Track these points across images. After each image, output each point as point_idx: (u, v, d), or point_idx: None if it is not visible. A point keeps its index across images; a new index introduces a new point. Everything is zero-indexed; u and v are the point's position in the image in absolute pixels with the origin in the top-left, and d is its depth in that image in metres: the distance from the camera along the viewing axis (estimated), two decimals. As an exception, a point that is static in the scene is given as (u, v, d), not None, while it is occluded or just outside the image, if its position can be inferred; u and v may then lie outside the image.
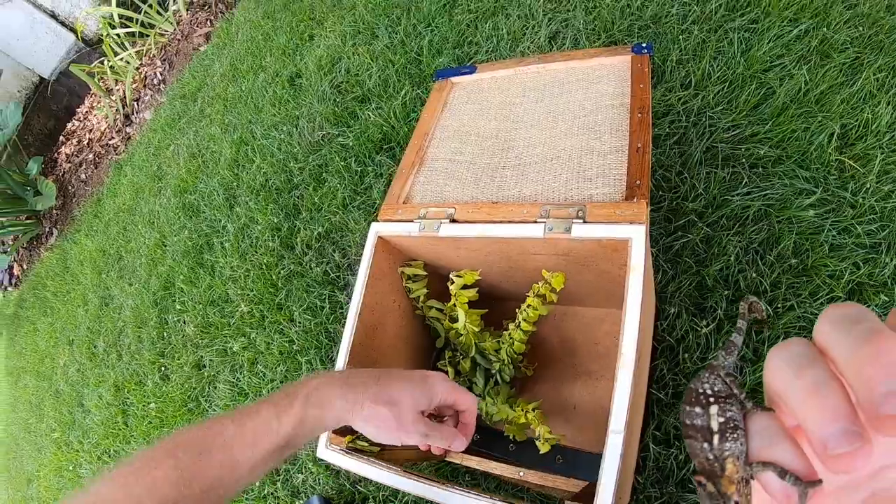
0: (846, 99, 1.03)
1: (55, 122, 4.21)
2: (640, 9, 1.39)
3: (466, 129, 0.95)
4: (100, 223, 2.90)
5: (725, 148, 1.06)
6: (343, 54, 1.98)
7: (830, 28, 1.14)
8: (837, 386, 0.20)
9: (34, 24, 3.85)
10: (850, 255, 0.88)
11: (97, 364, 2.31)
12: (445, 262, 0.87)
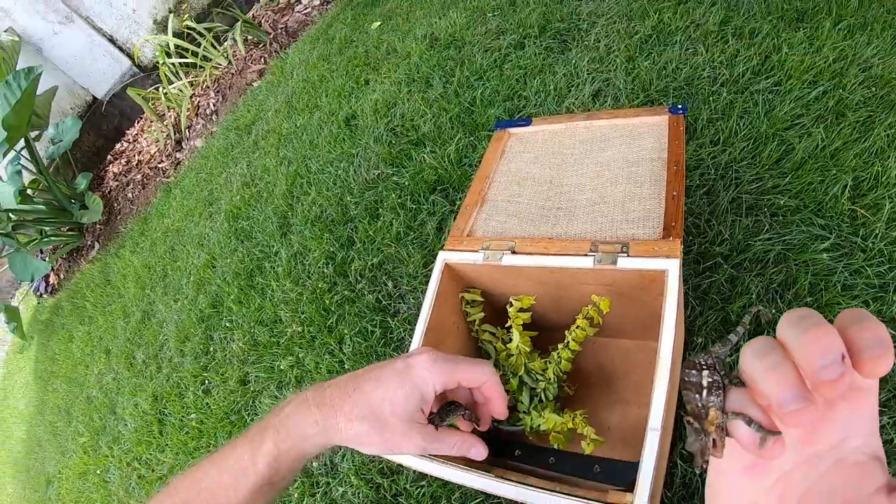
0: (859, 154, 1.21)
1: (104, 140, 4.52)
2: (674, 71, 1.60)
3: (523, 174, 1.13)
4: (146, 241, 3.11)
5: (749, 198, 1.24)
6: (398, 100, 2.20)
7: (846, 89, 1.33)
8: (790, 365, 0.27)
9: (93, 46, 4.19)
10: (861, 294, 1.02)
11: (135, 374, 2.47)
12: (502, 289, 1.04)
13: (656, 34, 1.75)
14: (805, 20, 1.57)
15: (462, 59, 2.17)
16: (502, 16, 2.28)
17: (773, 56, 1.50)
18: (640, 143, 1.01)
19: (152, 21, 4.19)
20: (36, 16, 4.00)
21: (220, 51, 3.80)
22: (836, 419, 0.30)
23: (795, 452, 0.30)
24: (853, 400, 0.29)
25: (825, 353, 0.26)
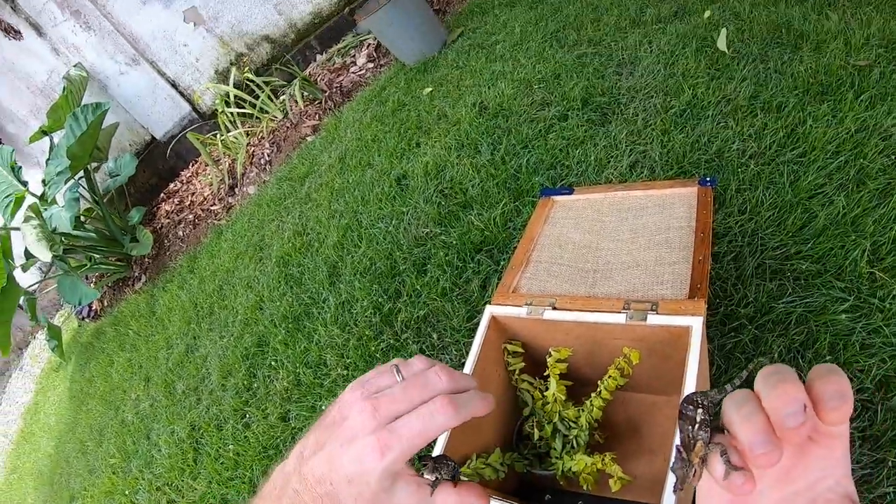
0: (878, 219, 1.34)
1: (158, 179, 4.88)
2: (706, 144, 1.78)
3: (564, 238, 1.31)
4: (194, 278, 3.35)
5: (774, 264, 1.38)
6: (448, 163, 2.43)
7: (867, 158, 1.48)
8: (761, 415, 0.32)
9: (155, 89, 4.61)
10: (879, 352, 1.13)
11: (174, 403, 2.65)
12: (541, 342, 1.20)
13: (690, 108, 1.96)
14: (829, 93, 1.74)
15: (509, 128, 2.40)
16: (547, 88, 2.51)
17: (798, 128, 1.67)
18: (672, 212, 1.19)
19: (214, 70, 4.59)
20: (105, 55, 4.44)
21: (277, 104, 4.14)
22: (810, 461, 0.34)
23: (775, 490, 0.35)
24: (826, 444, 0.34)
25: (789, 405, 0.31)
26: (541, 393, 1.19)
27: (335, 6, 4.48)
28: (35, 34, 4.37)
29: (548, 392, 1.14)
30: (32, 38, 4.39)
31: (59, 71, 4.56)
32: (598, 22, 2.75)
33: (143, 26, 4.38)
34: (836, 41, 1.87)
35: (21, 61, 4.59)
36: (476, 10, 3.68)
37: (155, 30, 4.40)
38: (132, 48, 4.40)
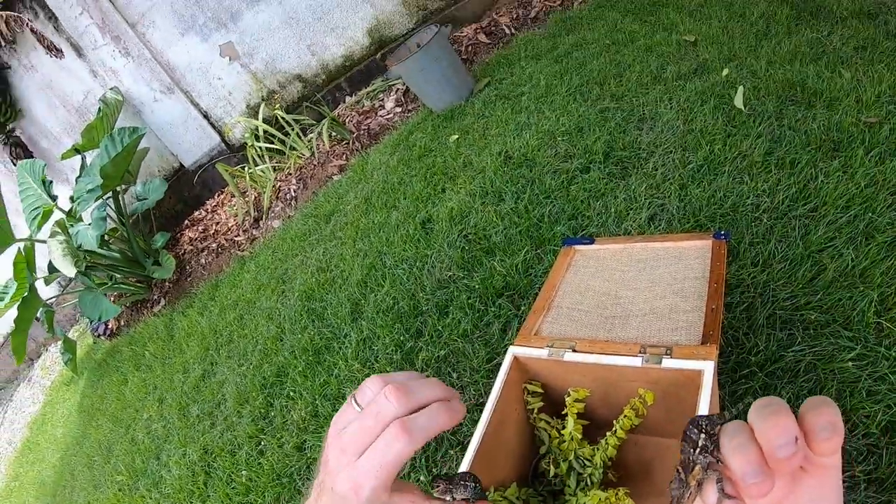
0: (885, 271, 1.43)
1: (183, 206, 5.07)
2: (722, 199, 1.88)
3: (585, 286, 1.40)
4: (215, 305, 3.47)
5: (784, 314, 1.46)
6: (472, 210, 2.55)
7: (876, 212, 1.57)
8: (754, 446, 0.33)
9: (188, 119, 4.83)
10: (885, 398, 1.20)
11: (187, 426, 2.73)
12: (560, 383, 1.28)
13: (707, 164, 2.07)
14: (840, 149, 1.85)
15: (533, 178, 2.52)
16: (570, 141, 2.64)
17: (810, 184, 1.77)
18: (687, 263, 1.29)
19: (245, 105, 4.81)
20: (141, 81, 4.69)
21: (305, 142, 4.32)
22: (803, 491, 0.36)
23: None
24: (818, 475, 0.35)
25: (780, 435, 0.32)
26: (557, 432, 1.27)
27: (366, 50, 4.70)
28: (75, 55, 4.64)
29: (565, 430, 1.22)
30: (72, 59, 4.65)
31: (95, 92, 4.81)
32: (621, 77, 2.90)
33: (180, 57, 4.63)
34: (848, 98, 2.00)
35: (60, 80, 4.85)
36: (503, 62, 3.86)
37: (191, 61, 4.65)
38: (168, 77, 4.64)
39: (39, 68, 4.82)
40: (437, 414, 0.46)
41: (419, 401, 0.47)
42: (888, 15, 2.40)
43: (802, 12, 2.68)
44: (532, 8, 4.31)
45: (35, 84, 4.93)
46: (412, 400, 0.47)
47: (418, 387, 0.48)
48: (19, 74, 4.91)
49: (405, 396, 0.47)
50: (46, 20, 4.51)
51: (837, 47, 2.32)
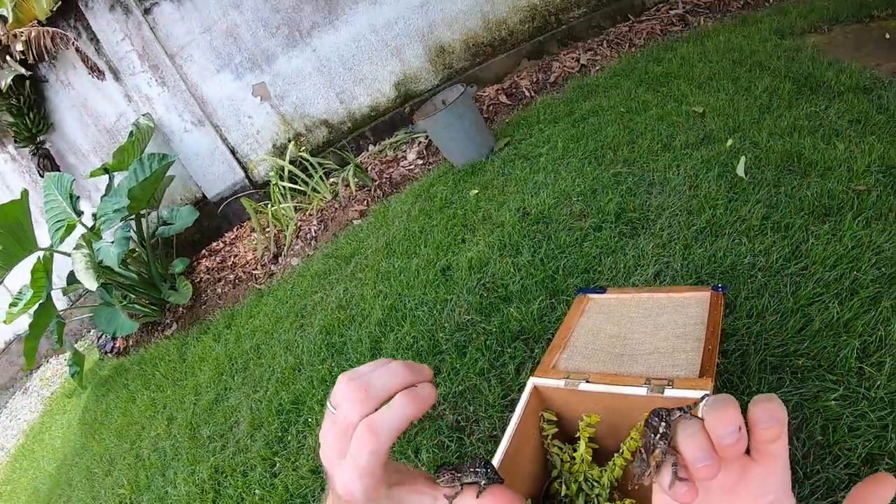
0: (867, 323, 1.62)
1: (201, 236, 5.30)
2: (722, 258, 2.10)
3: (597, 329, 1.60)
4: (231, 334, 3.64)
5: (774, 360, 1.65)
6: (491, 260, 2.76)
7: (861, 270, 1.78)
8: (703, 435, 0.39)
9: (214, 152, 5.11)
10: (864, 433, 1.37)
11: (197, 446, 2.86)
12: (573, 411, 1.46)
13: (709, 227, 2.30)
14: (831, 214, 2.08)
15: (549, 234, 2.74)
16: (585, 201, 2.86)
17: (802, 246, 2.00)
18: (688, 311, 1.49)
19: (272, 144, 5.11)
20: (173, 111, 4.99)
21: (328, 185, 4.57)
22: (752, 479, 0.40)
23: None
24: (765, 464, 0.39)
25: (726, 425, 0.37)
26: (569, 456, 1.43)
27: (391, 102, 5.02)
28: (112, 78, 4.95)
29: (576, 453, 1.39)
30: (109, 82, 4.96)
31: (127, 116, 5.10)
32: (634, 144, 3.16)
33: (213, 92, 4.94)
34: (840, 168, 2.26)
35: (94, 100, 5.14)
36: (522, 123, 4.14)
37: (223, 97, 4.96)
38: (200, 110, 4.95)
39: (76, 86, 5.11)
40: (403, 406, 0.46)
41: (380, 396, 0.46)
42: (881, 90, 2.70)
43: (803, 87, 2.98)
44: (552, 73, 4.63)
45: (69, 101, 5.22)
46: (372, 396, 0.46)
47: (379, 379, 0.47)
48: (55, 89, 5.19)
49: (364, 394, 0.46)
50: (88, 41, 4.82)
51: (833, 120, 2.60)
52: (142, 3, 4.66)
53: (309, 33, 4.74)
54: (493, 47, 4.94)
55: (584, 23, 4.89)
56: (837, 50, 3.36)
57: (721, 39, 3.99)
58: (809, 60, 3.24)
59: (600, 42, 4.72)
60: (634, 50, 4.50)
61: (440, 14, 4.78)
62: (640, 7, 4.89)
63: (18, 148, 5.39)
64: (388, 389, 0.46)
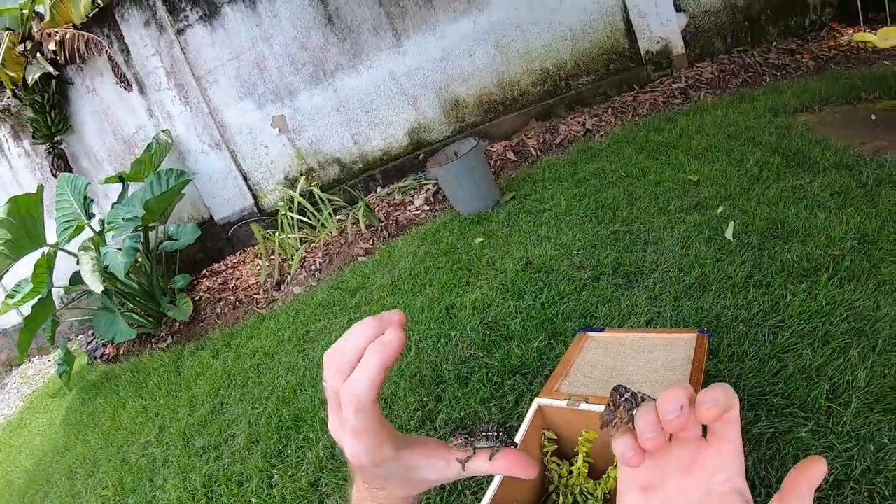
0: (836, 368, 1.84)
1: (204, 256, 5.51)
2: (708, 310, 2.33)
3: (595, 361, 1.80)
4: (230, 352, 3.79)
5: (752, 399, 1.85)
6: (494, 303, 2.96)
7: (833, 324, 2.01)
8: (653, 412, 0.43)
9: (227, 176, 5.35)
10: (832, 463, 1.56)
11: (190, 455, 2.95)
12: (572, 430, 1.64)
13: (698, 283, 2.53)
14: (809, 275, 2.33)
15: (549, 282, 2.95)
16: (584, 255, 3.09)
17: (781, 301, 2.23)
18: (676, 349, 1.71)
19: (284, 176, 5.36)
20: (192, 131, 5.25)
21: (335, 221, 4.78)
22: (706, 459, 0.45)
23: (679, 481, 0.46)
24: (717, 445, 0.45)
25: (670, 404, 0.42)
26: (566, 471, 1.60)
27: (404, 149, 5.32)
28: (138, 91, 5.22)
29: (574, 466, 1.56)
30: (134, 94, 5.24)
31: (146, 129, 5.36)
32: (632, 206, 3.42)
33: (234, 118, 5.23)
34: (819, 235, 2.53)
35: (116, 109, 5.40)
36: (527, 180, 4.42)
37: (243, 124, 5.25)
38: (218, 133, 5.22)
39: (100, 93, 5.36)
40: (370, 359, 0.47)
41: (353, 359, 0.49)
42: (863, 166, 3.00)
43: (791, 162, 3.28)
44: (558, 135, 4.95)
45: (92, 106, 5.46)
46: (346, 362, 0.49)
47: (348, 343, 0.49)
48: (79, 93, 5.44)
49: (339, 362, 0.49)
50: (119, 52, 5.11)
51: (816, 193, 2.88)
52: (176, 23, 4.98)
53: (332, 74, 5.06)
54: (504, 105, 5.29)
55: (592, 90, 5.26)
56: (826, 128, 3.68)
57: (719, 114, 4.32)
58: (799, 137, 3.56)
59: (605, 109, 5.07)
60: (637, 119, 4.83)
61: (458, 69, 5.13)
62: (646, 79, 5.28)
63: (35, 144, 5.59)
64: (358, 349, 0.49)
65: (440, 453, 0.56)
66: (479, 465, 0.55)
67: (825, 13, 5.49)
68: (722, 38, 5.35)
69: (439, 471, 0.55)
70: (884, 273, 2.20)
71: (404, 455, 0.54)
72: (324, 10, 4.94)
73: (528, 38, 5.10)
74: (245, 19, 4.97)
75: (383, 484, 0.56)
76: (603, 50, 5.18)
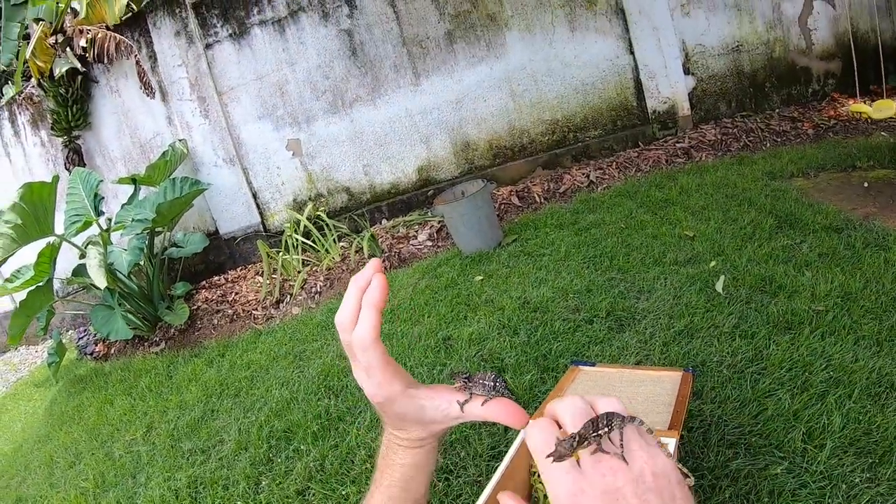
0: (812, 413, 1.96)
1: (205, 267, 5.63)
2: (694, 355, 2.46)
3: (585, 392, 1.94)
4: (224, 362, 3.90)
5: (732, 438, 1.97)
6: (489, 337, 3.10)
7: (812, 373, 2.15)
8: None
9: (237, 192, 5.50)
10: (805, 499, 1.67)
11: (176, 456, 3.01)
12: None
13: (687, 330, 2.67)
14: (792, 328, 2.47)
15: (545, 321, 3.08)
16: (580, 298, 3.23)
17: (764, 350, 2.37)
18: (663, 385, 1.86)
19: (293, 198, 5.52)
20: (209, 144, 5.42)
21: (339, 248, 4.93)
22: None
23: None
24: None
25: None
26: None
27: (412, 184, 5.52)
28: (160, 98, 5.41)
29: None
30: (156, 101, 5.43)
31: (163, 136, 5.52)
32: (629, 256, 3.59)
33: (250, 136, 5.43)
34: (805, 291, 2.69)
35: (137, 113, 5.58)
36: (530, 225, 4.60)
37: (258, 143, 5.44)
38: (234, 149, 5.41)
39: (123, 95, 5.55)
40: (365, 310, 0.60)
41: (352, 313, 0.60)
42: (851, 230, 3.19)
43: (783, 223, 3.47)
44: (562, 184, 5.15)
45: (113, 106, 5.64)
46: (348, 318, 0.60)
47: (345, 304, 0.61)
48: (102, 92, 5.63)
49: (342, 322, 0.61)
50: (146, 57, 5.32)
51: (805, 253, 3.06)
52: (206, 37, 5.21)
53: (351, 104, 5.29)
54: (513, 151, 5.52)
55: (599, 143, 5.50)
56: (819, 194, 3.88)
57: (718, 175, 4.52)
58: (793, 201, 3.75)
59: (610, 163, 5.29)
60: (640, 174, 5.05)
61: (471, 113, 5.37)
62: (651, 137, 5.53)
63: (52, 136, 5.74)
64: (354, 301, 0.61)
65: (443, 394, 0.63)
66: (474, 408, 0.62)
67: (828, 83, 5.76)
68: (727, 103, 5.63)
69: (443, 411, 0.63)
70: (864, 329, 2.35)
71: (412, 393, 0.62)
72: (349, 43, 5.20)
73: (541, 88, 5.36)
74: (272, 42, 5.22)
75: (402, 424, 0.66)
76: (612, 106, 5.44)
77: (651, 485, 0.49)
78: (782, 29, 5.53)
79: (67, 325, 6.26)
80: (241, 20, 5.20)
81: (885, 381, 2.06)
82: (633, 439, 0.54)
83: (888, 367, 2.12)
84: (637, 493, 0.49)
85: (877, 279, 2.67)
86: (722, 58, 5.49)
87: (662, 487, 0.50)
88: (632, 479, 0.50)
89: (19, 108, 6.03)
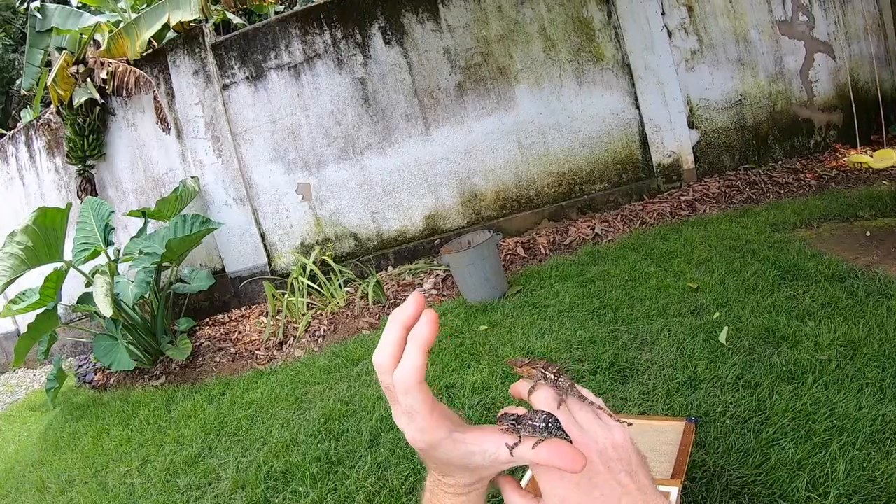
0: (816, 462, 1.97)
1: (209, 305, 5.70)
2: (698, 406, 2.48)
3: None
4: (224, 399, 3.92)
5: (735, 488, 1.99)
6: (493, 386, 3.13)
7: (816, 422, 2.16)
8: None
9: (246, 232, 5.60)
10: None
11: (171, 490, 3.02)
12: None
13: (690, 381, 2.69)
14: (795, 377, 2.50)
15: (551, 370, 3.10)
16: (584, 349, 3.27)
17: (767, 401, 2.39)
18: (666, 435, 1.89)
19: (300, 241, 5.62)
20: (220, 183, 5.54)
21: (344, 293, 5.00)
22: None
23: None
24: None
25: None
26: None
27: (419, 233, 5.62)
28: (175, 134, 5.57)
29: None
30: (171, 137, 5.58)
31: (176, 172, 5.66)
32: (633, 308, 3.63)
33: (262, 178, 5.56)
34: (808, 341, 2.72)
35: (151, 147, 5.74)
36: (535, 276, 4.67)
37: (269, 185, 5.57)
38: (245, 190, 5.53)
39: (139, 128, 5.72)
40: (410, 350, 0.53)
41: (393, 349, 0.54)
42: (854, 279, 3.23)
43: (786, 274, 3.53)
44: (568, 236, 5.24)
45: (128, 139, 5.81)
46: (388, 358, 0.54)
47: (385, 339, 0.55)
48: (118, 124, 5.81)
49: (381, 362, 0.55)
50: (164, 94, 5.49)
51: (808, 303, 3.10)
52: (223, 78, 5.41)
53: (361, 152, 5.45)
54: (520, 203, 5.63)
55: (604, 196, 5.62)
56: (822, 244, 3.95)
57: (722, 227, 4.60)
58: (796, 252, 3.82)
59: (615, 216, 5.39)
60: (644, 227, 5.13)
61: (479, 164, 5.52)
62: (656, 190, 5.64)
63: (67, 163, 5.88)
64: (396, 339, 0.54)
65: (491, 437, 0.57)
66: (525, 452, 0.56)
67: (829, 134, 5.91)
68: (730, 155, 5.77)
69: (491, 455, 0.57)
70: (867, 376, 2.38)
71: (458, 437, 0.56)
72: (362, 91, 5.40)
73: (548, 141, 5.51)
74: (288, 87, 5.41)
75: (447, 470, 0.60)
76: (617, 159, 5.58)
77: (613, 455, 0.57)
78: (784, 82, 5.72)
79: (68, 352, 6.28)
80: (258, 63, 5.40)
81: (889, 428, 2.09)
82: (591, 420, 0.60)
83: (892, 413, 2.15)
84: (603, 461, 0.56)
85: (880, 327, 2.71)
86: (725, 111, 5.66)
87: (622, 456, 0.57)
88: (597, 451, 0.56)
89: (36, 133, 6.21)
